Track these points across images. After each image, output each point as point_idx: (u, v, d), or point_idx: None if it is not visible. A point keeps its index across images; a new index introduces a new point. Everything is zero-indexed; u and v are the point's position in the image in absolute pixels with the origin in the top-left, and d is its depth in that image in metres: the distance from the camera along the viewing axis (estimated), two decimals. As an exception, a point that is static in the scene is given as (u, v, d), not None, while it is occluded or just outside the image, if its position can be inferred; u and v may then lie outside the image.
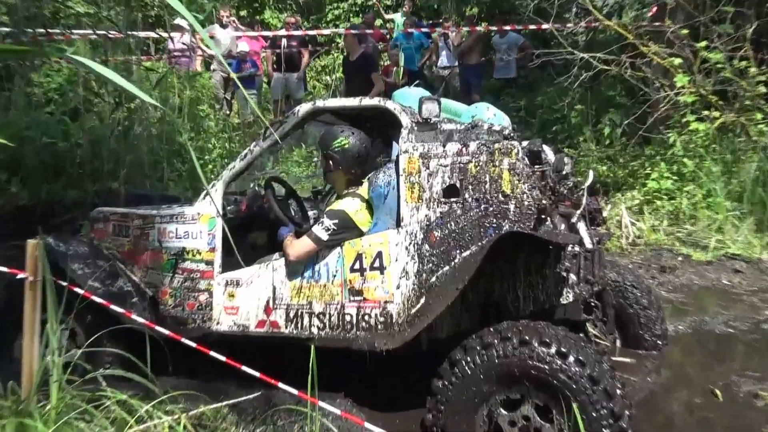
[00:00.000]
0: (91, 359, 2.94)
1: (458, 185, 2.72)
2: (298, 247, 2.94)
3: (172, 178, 6.02)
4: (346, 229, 2.93)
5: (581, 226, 2.99)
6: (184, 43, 8.64)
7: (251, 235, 3.60)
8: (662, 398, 3.18)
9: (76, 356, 2.77)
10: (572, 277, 2.79)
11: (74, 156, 5.53)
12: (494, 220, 2.67)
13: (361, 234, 2.94)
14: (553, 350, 2.41)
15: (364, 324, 2.86)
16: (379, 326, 2.83)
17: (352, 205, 2.99)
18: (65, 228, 4.89)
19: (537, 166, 2.76)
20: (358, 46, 7.85)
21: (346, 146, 3.03)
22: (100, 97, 5.69)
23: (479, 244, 2.66)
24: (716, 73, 5.83)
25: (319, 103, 3.15)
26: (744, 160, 5.62)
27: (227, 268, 3.16)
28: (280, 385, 2.53)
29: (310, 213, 3.79)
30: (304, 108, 3.15)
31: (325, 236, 2.90)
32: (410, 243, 2.77)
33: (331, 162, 3.07)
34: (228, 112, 9.12)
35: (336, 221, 2.91)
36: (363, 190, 3.08)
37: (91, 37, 6.19)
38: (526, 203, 2.66)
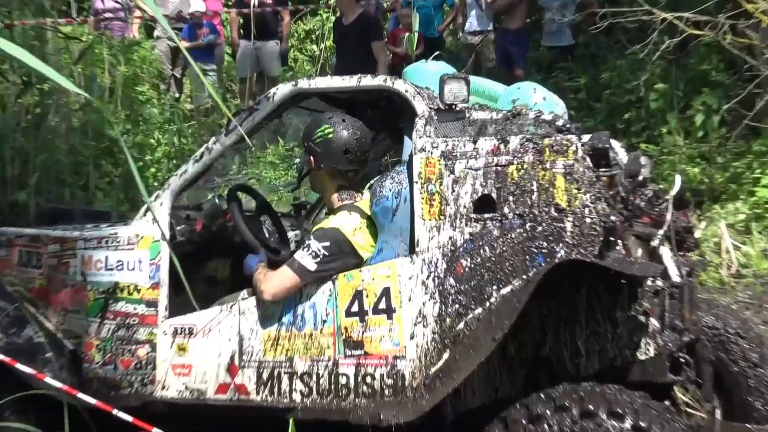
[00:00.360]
0: (-11, 437, 2.95)
1: (494, 196, 2.74)
2: (274, 281, 2.96)
3: (100, 187, 6.05)
4: (341, 255, 2.94)
5: (665, 252, 2.99)
6: (117, 1, 8.76)
7: (210, 265, 3.61)
8: (781, 492, 3.14)
9: (-32, 433, 2.78)
10: (654, 322, 2.78)
11: (-34, 157, 5.57)
12: (544, 244, 2.67)
13: (361, 263, 2.96)
14: (627, 425, 2.40)
15: (365, 388, 2.86)
16: (386, 391, 2.83)
17: (348, 223, 3.01)
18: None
19: (603, 169, 2.77)
20: (356, 5, 7.92)
21: (330, 136, 3.07)
22: (2, 75, 5.75)
23: (524, 277, 2.67)
24: None
25: (303, 84, 3.19)
26: None
27: (176, 312, 3.17)
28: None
29: (291, 234, 3.82)
30: (282, 90, 3.19)
31: (311, 265, 2.91)
32: (429, 276, 2.79)
33: (311, 158, 3.11)
34: (177, 96, 9.20)
35: (327, 244, 2.93)
36: (363, 202, 3.10)
37: (-10, -6, 6.27)
38: (588, 220, 2.67)
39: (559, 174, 2.69)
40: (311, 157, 3.10)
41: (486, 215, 2.74)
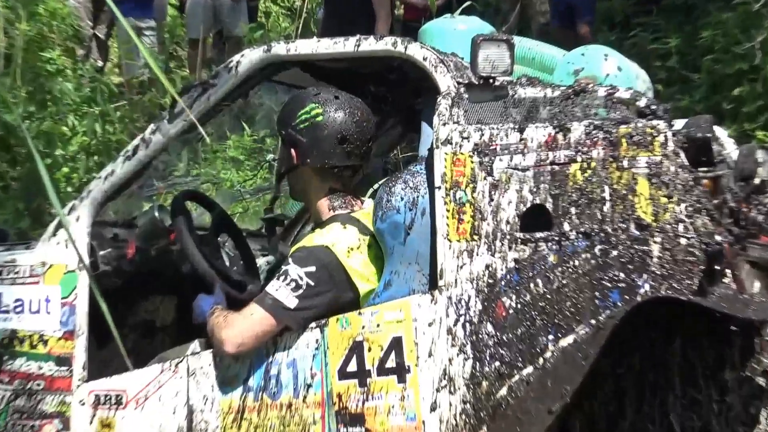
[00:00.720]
0: None
1: (550, 207, 2.74)
2: (238, 326, 2.94)
3: (-8, 195, 6.08)
4: (331, 285, 2.95)
5: (794, 287, 2.98)
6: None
7: (146, 305, 3.61)
8: None
9: None
10: (778, 386, 2.76)
11: None
12: (621, 275, 2.67)
13: (359, 299, 2.97)
14: None
15: (366, 481, 2.86)
16: (397, 485, 2.83)
17: (342, 240, 3.01)
18: None
19: (704, 169, 2.77)
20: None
21: (319, 119, 3.07)
22: None
23: (592, 322, 2.66)
24: None
25: (278, 49, 3.20)
26: None
27: (99, 372, 3.17)
28: None
29: (261, 261, 3.82)
30: (249, 58, 3.20)
31: (290, 301, 2.91)
32: (457, 321, 2.77)
33: (292, 151, 3.12)
34: (101, 65, 9.22)
35: (311, 269, 2.93)
36: (364, 213, 3.11)
37: None
38: (683, 241, 2.66)
39: (642, 176, 2.69)
40: (292, 150, 3.11)
41: (538, 234, 2.73)
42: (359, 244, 3.02)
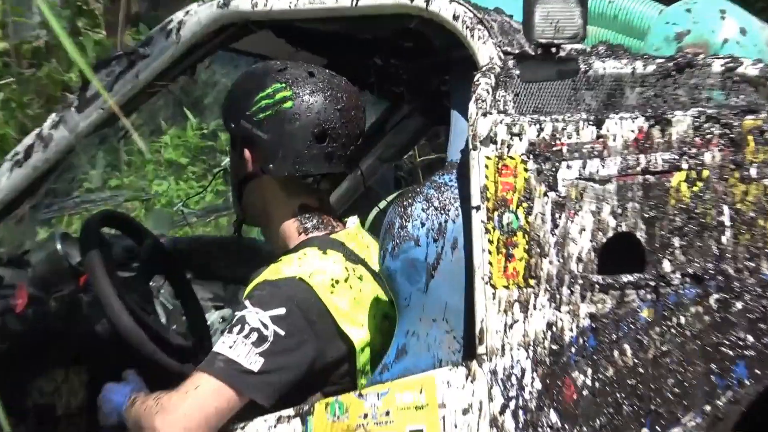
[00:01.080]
0: None
1: (642, 237, 2.73)
2: (178, 409, 2.92)
3: None
4: (308, 334, 2.96)
5: None
6: None
7: (43, 382, 3.61)
8: None
9: None
10: None
11: None
12: (749, 339, 2.67)
13: (353, 355, 2.99)
14: None
15: None
16: None
17: (320, 269, 3.03)
18: None
19: None
20: None
21: (288, 106, 3.10)
22: None
23: (706, 408, 2.66)
24: None
25: (240, 3, 3.22)
26: None
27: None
28: None
29: (214, 317, 3.82)
30: (197, 16, 3.24)
31: (252, 361, 2.89)
32: (505, 407, 2.77)
33: (247, 152, 3.16)
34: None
35: (280, 312, 2.93)
36: (348, 235, 3.17)
37: None
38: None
39: (779, 190, 2.68)
40: (246, 151, 3.14)
41: (625, 278, 2.73)
42: (346, 275, 3.04)
